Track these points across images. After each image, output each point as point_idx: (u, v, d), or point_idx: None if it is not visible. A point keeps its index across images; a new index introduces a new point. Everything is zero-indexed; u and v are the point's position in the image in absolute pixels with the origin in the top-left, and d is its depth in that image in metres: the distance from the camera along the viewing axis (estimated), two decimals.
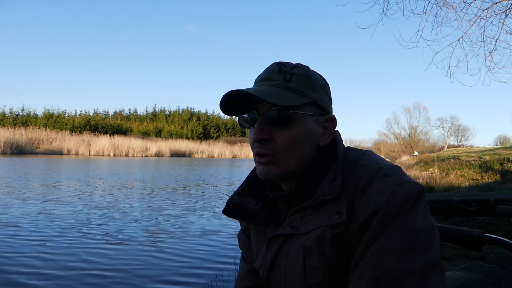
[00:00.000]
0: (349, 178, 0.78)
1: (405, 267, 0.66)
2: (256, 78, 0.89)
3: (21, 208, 7.25)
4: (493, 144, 56.30)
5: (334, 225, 0.75)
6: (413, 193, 0.72)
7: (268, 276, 0.88)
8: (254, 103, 0.83)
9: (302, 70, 0.85)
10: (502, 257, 3.58)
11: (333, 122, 0.89)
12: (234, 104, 0.85)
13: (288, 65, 0.85)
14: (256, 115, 0.83)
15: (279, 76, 0.83)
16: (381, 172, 0.76)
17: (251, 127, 0.86)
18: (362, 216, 0.72)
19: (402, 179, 0.74)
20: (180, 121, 71.15)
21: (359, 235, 0.72)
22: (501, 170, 12.35)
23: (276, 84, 0.83)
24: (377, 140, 55.81)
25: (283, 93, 0.81)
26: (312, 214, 0.79)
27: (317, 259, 0.76)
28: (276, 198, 0.89)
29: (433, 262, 0.67)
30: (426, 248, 0.68)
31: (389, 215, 0.70)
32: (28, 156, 31.47)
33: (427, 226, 0.70)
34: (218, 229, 5.98)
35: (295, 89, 0.82)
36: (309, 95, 0.83)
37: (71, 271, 3.88)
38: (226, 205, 0.94)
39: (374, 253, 0.69)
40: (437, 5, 6.39)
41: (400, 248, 0.67)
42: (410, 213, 0.70)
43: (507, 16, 6.02)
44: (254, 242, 0.98)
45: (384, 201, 0.71)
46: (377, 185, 0.74)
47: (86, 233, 5.47)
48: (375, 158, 0.83)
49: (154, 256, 4.44)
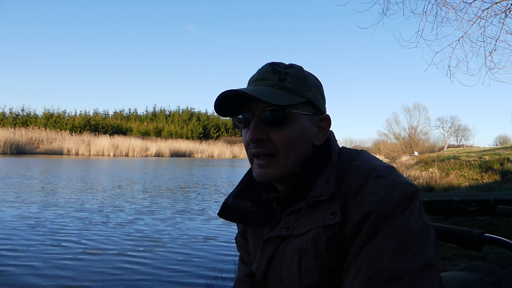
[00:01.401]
0: (343, 179, 0.78)
1: (398, 268, 0.65)
2: (250, 78, 0.88)
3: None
4: (493, 144, 56.41)
5: (328, 226, 0.75)
6: (407, 194, 0.72)
7: (264, 278, 0.88)
8: (248, 103, 0.83)
9: (296, 70, 0.85)
10: (502, 257, 3.58)
11: (328, 121, 0.88)
12: (228, 104, 0.84)
13: (281, 65, 0.85)
14: (251, 115, 0.82)
15: (273, 76, 0.83)
16: (375, 173, 0.76)
17: (245, 127, 0.85)
18: (356, 217, 0.72)
19: (396, 180, 0.74)
20: (180, 121, 71.21)
21: (353, 235, 0.72)
22: (501, 170, 12.35)
23: (271, 83, 0.82)
24: (377, 140, 55.96)
25: (278, 92, 0.80)
26: (307, 215, 0.79)
27: (312, 260, 0.76)
28: (271, 200, 0.88)
29: (427, 263, 0.67)
30: (420, 248, 0.68)
31: (383, 216, 0.69)
32: (27, 156, 31.46)
33: (421, 226, 0.70)
34: (218, 229, 5.98)
35: (290, 89, 0.82)
36: (304, 94, 0.83)
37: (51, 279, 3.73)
38: (222, 207, 0.93)
39: (368, 254, 0.69)
40: (437, 5, 6.41)
41: (394, 249, 0.67)
42: (404, 213, 0.70)
43: (507, 16, 6.03)
44: (251, 244, 0.97)
45: (378, 202, 0.71)
46: (371, 186, 0.73)
47: (71, 239, 5.38)
48: (369, 159, 0.83)
49: (154, 256, 4.43)
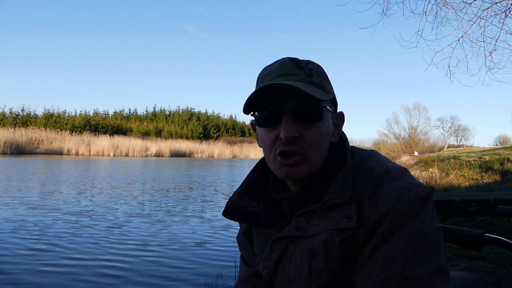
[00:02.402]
0: (357, 181, 0.76)
1: (412, 271, 0.65)
2: (267, 74, 0.80)
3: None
4: (493, 144, 56.29)
5: (342, 229, 0.73)
6: (420, 197, 0.71)
7: (271, 279, 0.86)
8: (274, 100, 0.77)
9: (317, 66, 0.82)
10: (502, 257, 3.57)
11: (342, 119, 0.86)
12: (256, 101, 0.78)
13: (301, 61, 0.81)
14: (281, 112, 0.76)
15: (299, 71, 0.78)
16: (388, 175, 0.75)
17: (270, 126, 0.79)
18: (370, 220, 0.71)
19: (410, 183, 0.73)
20: (180, 121, 71.18)
21: (366, 238, 0.71)
22: (501, 170, 12.34)
23: (301, 79, 0.77)
24: (377, 140, 55.77)
25: (311, 88, 0.75)
26: (321, 217, 0.77)
27: (323, 262, 0.75)
28: (282, 200, 0.85)
29: (440, 267, 0.67)
30: (433, 252, 0.67)
31: (397, 219, 0.69)
32: (27, 156, 31.42)
33: (434, 230, 0.70)
34: (218, 229, 5.97)
35: (318, 84, 0.78)
36: (330, 90, 0.81)
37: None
38: (226, 207, 0.90)
39: (381, 257, 0.68)
40: (437, 5, 6.40)
41: (407, 252, 0.66)
42: (418, 217, 0.69)
43: (507, 16, 6.02)
44: (257, 244, 0.94)
45: (392, 205, 0.70)
46: (385, 188, 0.72)
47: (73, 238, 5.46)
48: (382, 160, 0.81)
49: (154, 257, 4.44)
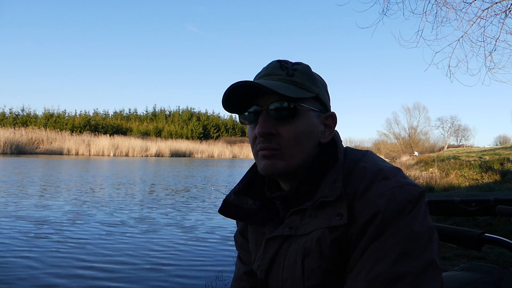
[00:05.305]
0: (349, 180, 0.77)
1: (400, 269, 0.65)
2: (256, 75, 0.87)
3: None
4: (493, 144, 56.35)
5: (334, 227, 0.74)
6: (413, 196, 0.72)
7: (266, 277, 0.87)
8: (256, 98, 0.82)
9: (304, 67, 0.85)
10: (502, 257, 3.58)
11: (334, 119, 0.88)
12: (234, 100, 0.83)
13: (289, 62, 0.85)
14: (259, 110, 0.81)
15: (281, 71, 0.83)
16: (381, 174, 0.76)
17: (252, 123, 0.84)
18: (362, 219, 0.71)
19: (403, 182, 0.74)
20: (180, 121, 71.15)
21: (358, 236, 0.72)
22: (501, 170, 12.35)
23: (280, 78, 0.81)
24: (377, 140, 55.83)
25: (287, 86, 0.80)
26: (312, 215, 0.78)
27: (316, 261, 0.75)
28: (275, 198, 0.87)
29: (430, 264, 0.67)
30: (423, 250, 0.68)
31: (388, 217, 0.69)
32: (27, 156, 31.42)
33: (426, 229, 0.70)
34: (218, 229, 5.98)
35: (299, 83, 0.81)
36: (312, 89, 0.83)
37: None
38: (222, 204, 0.92)
39: (371, 255, 0.69)
40: (437, 5, 6.41)
41: (397, 250, 0.67)
42: (409, 215, 0.70)
43: (507, 16, 6.02)
44: (252, 243, 0.96)
45: (384, 204, 0.70)
46: (377, 187, 0.73)
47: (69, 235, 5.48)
48: (375, 160, 0.82)
49: (153, 257, 4.44)
